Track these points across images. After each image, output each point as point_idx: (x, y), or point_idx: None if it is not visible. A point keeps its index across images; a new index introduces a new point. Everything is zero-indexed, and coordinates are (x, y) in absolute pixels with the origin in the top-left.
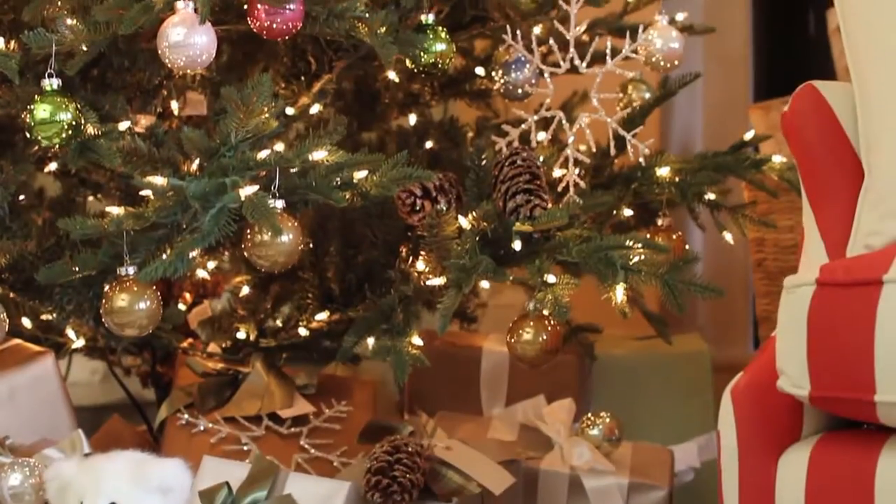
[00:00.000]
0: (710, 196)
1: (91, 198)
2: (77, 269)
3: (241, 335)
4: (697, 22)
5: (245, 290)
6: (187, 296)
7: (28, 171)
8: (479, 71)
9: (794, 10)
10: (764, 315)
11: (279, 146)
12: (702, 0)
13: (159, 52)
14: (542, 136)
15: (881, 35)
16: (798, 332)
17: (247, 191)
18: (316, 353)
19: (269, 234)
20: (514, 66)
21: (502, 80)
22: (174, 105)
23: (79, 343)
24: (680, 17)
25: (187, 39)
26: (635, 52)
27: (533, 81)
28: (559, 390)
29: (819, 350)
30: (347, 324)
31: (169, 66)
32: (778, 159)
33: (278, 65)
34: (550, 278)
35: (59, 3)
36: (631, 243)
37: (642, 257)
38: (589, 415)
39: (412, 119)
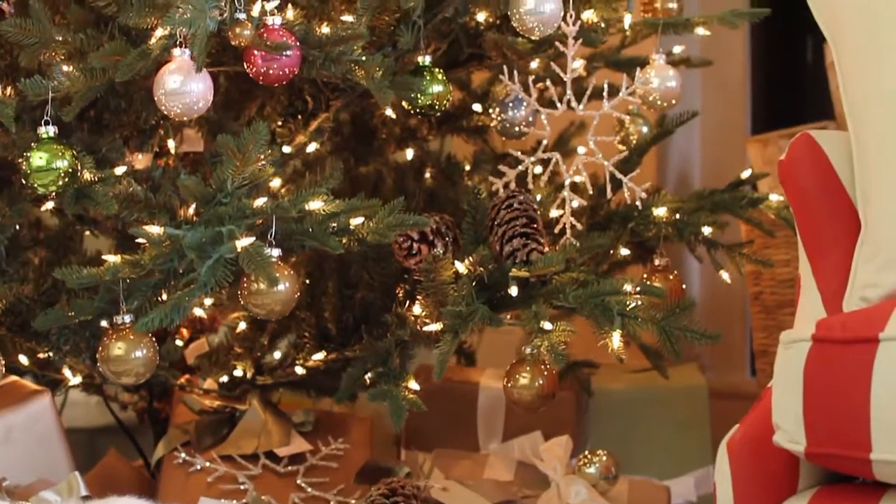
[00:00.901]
0: (707, 232)
1: (87, 232)
2: (73, 314)
3: (237, 372)
4: (695, 54)
5: (242, 326)
6: (184, 331)
7: (25, 213)
8: (477, 107)
9: (791, 39)
10: (761, 349)
11: (276, 181)
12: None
13: (155, 98)
14: (539, 169)
15: (878, 83)
16: (794, 388)
17: (243, 242)
18: (312, 390)
19: (266, 284)
20: (511, 105)
21: (499, 119)
22: (171, 143)
23: (75, 381)
24: (677, 49)
25: (183, 87)
26: (632, 94)
27: (530, 119)
28: (556, 426)
29: (815, 406)
30: (344, 363)
31: (165, 113)
32: (775, 198)
33: (275, 103)
34: (547, 325)
35: (56, 48)
36: (628, 288)
37: (639, 303)
38: (586, 452)
39: (409, 154)
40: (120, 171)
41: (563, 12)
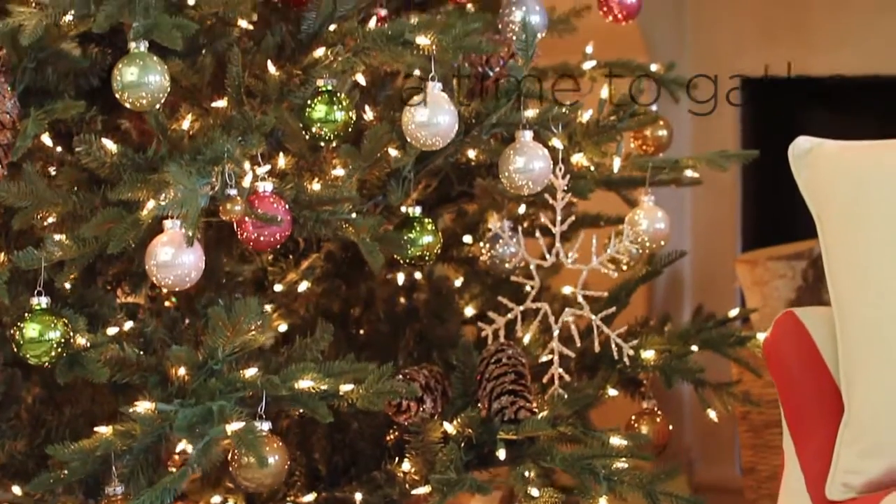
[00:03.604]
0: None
1: None
2: (66, 475)
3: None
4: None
5: None
6: (176, 457)
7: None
8: (467, 239)
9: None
10: (748, 466)
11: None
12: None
13: (147, 268)
14: (528, 337)
15: (863, 273)
16: None
17: (234, 426)
18: None
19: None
20: (500, 241)
21: (489, 254)
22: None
23: None
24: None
25: (175, 259)
26: (619, 252)
27: (520, 255)
28: None
29: None
30: (334, 503)
31: (156, 283)
32: (762, 336)
33: None
34: (534, 492)
35: (47, 215)
36: (614, 441)
37: (625, 465)
38: None
39: (400, 278)
40: (112, 331)
41: (553, 165)
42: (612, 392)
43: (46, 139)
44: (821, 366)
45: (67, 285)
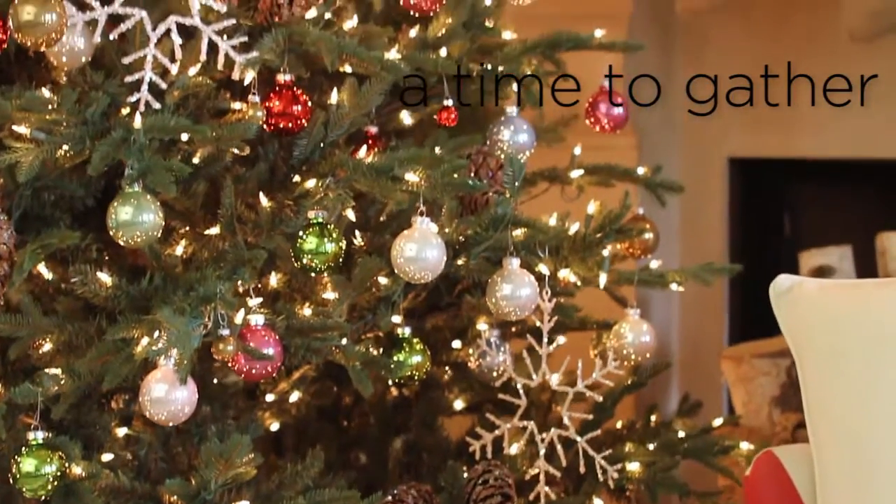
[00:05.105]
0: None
1: None
2: None
3: None
4: (675, 225)
5: None
6: None
7: None
8: (456, 344)
9: (769, 214)
10: None
11: None
12: (678, 220)
13: (140, 402)
14: (515, 448)
15: (840, 415)
16: None
17: None
18: None
19: None
20: (489, 354)
21: (477, 362)
22: None
23: None
24: (654, 264)
25: (168, 396)
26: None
27: (508, 363)
28: None
29: None
30: None
31: (149, 418)
32: (745, 446)
33: None
34: None
35: (42, 343)
36: None
37: None
38: None
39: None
40: (107, 457)
41: (539, 290)
42: (597, 502)
43: (42, 268)
44: None
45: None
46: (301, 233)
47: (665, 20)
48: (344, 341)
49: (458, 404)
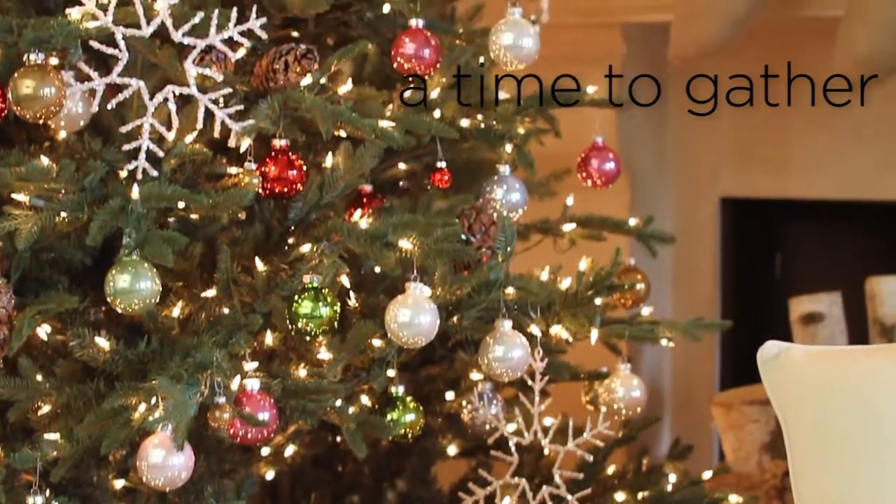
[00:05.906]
0: None
1: None
2: None
3: None
4: (667, 266)
5: None
6: None
7: None
8: (449, 395)
9: (760, 254)
10: None
11: None
12: (669, 260)
13: (137, 466)
14: (507, 501)
15: (825, 483)
16: None
17: None
18: None
19: None
20: (481, 406)
21: (470, 413)
22: None
23: None
24: (646, 311)
25: (165, 461)
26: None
27: (500, 416)
28: None
29: None
30: None
31: (146, 483)
32: (734, 499)
33: None
34: None
35: (41, 406)
36: None
37: None
38: None
39: None
40: None
41: (532, 348)
42: None
43: (40, 331)
44: None
45: None
46: (296, 297)
47: (659, 62)
48: (338, 402)
49: (452, 450)
